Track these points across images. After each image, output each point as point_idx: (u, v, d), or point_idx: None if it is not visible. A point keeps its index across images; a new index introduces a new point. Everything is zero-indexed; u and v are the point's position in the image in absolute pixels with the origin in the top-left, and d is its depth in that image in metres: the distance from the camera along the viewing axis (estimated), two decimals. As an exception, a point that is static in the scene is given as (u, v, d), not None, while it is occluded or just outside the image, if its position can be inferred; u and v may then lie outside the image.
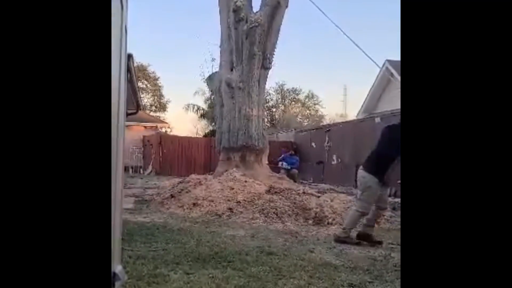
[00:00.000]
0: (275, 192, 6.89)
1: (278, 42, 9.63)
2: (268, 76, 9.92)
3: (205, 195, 6.92)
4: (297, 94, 33.58)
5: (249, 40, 8.75)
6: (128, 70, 7.11)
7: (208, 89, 24.40)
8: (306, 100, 33.97)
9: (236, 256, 3.89)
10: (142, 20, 45.26)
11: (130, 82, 8.27)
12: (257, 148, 8.87)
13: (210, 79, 11.01)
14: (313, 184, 14.16)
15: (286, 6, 9.30)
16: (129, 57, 7.18)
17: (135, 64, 32.04)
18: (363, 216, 4.94)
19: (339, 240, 4.84)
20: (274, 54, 9.58)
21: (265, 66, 9.25)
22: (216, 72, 11.09)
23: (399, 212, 6.57)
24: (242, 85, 8.83)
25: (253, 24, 8.63)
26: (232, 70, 9.25)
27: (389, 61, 14.61)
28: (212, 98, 24.89)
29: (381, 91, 16.62)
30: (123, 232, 4.54)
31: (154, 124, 22.24)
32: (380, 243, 4.85)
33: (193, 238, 4.65)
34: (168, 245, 4.23)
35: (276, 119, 31.19)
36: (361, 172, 5.10)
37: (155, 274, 3.19)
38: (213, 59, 22.09)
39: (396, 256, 4.26)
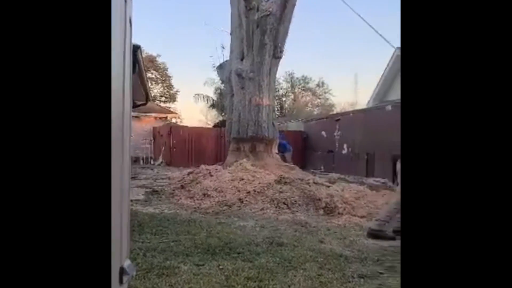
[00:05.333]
0: (285, 183, 6.87)
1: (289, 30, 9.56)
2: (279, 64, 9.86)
3: (215, 186, 6.93)
4: (307, 83, 33.33)
5: (260, 29, 8.65)
6: (137, 62, 7.09)
7: (218, 79, 24.32)
8: (316, 88, 33.73)
9: (246, 247, 3.89)
10: (151, 9, 45.20)
11: (139, 73, 8.26)
12: (267, 138, 8.84)
13: (220, 69, 10.94)
14: (323, 173, 14.12)
15: None
16: (137, 48, 7.15)
17: (144, 55, 31.97)
18: None
19: (373, 233, 4.60)
20: (285, 43, 9.50)
21: (276, 55, 9.15)
22: (226, 61, 11.02)
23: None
24: (252, 75, 8.76)
25: (264, 13, 8.53)
26: (242, 59, 9.15)
27: (399, 48, 14.38)
28: (222, 88, 24.89)
29: (392, 79, 16.39)
30: (133, 224, 4.58)
31: (164, 115, 22.28)
32: None
33: (203, 229, 4.66)
34: (178, 236, 4.24)
35: (286, 108, 31.06)
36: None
37: (165, 266, 3.20)
38: (223, 48, 22.00)
39: None
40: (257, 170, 7.47)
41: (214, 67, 22.16)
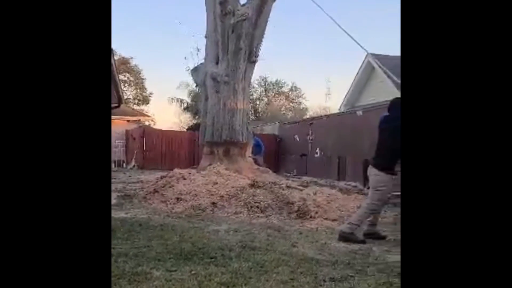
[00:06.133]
0: (259, 186, 6.91)
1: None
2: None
3: (189, 190, 6.90)
4: (281, 87, 33.62)
5: (236, 34, 8.62)
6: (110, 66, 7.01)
7: (192, 82, 24.18)
8: (290, 92, 34.03)
9: (219, 252, 3.89)
10: (125, 11, 44.60)
11: (112, 76, 8.17)
12: (241, 142, 8.86)
13: (195, 71, 10.81)
14: (296, 176, 14.25)
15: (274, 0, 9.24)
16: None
17: (117, 57, 31.54)
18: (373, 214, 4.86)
19: (344, 236, 4.65)
20: (260, 47, 9.53)
21: (251, 59, 9.16)
22: (201, 64, 10.94)
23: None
24: (227, 79, 8.74)
25: (240, 18, 8.50)
26: (217, 63, 9.12)
27: (370, 54, 14.69)
28: (196, 91, 24.78)
29: (363, 85, 16.74)
30: (105, 229, 4.52)
31: (137, 118, 22.02)
32: (384, 238, 4.87)
33: (176, 233, 4.64)
34: (150, 241, 4.20)
35: (260, 112, 31.22)
36: (373, 170, 4.76)
37: (137, 272, 3.17)
38: (198, 50, 21.93)
39: (376, 249, 4.33)
40: (230, 174, 7.48)
41: (188, 69, 22.05)
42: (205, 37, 10.00)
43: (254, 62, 9.41)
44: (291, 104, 34.23)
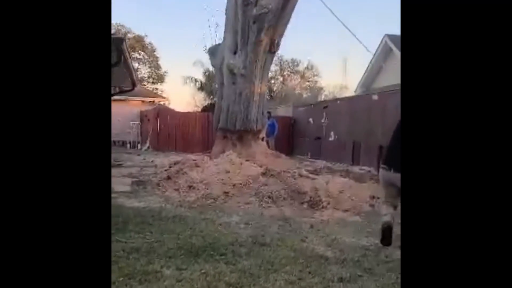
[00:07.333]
0: (271, 175, 6.92)
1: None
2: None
3: (201, 178, 6.95)
4: (296, 65, 33.22)
5: (257, 26, 8.11)
6: (122, 52, 7.01)
7: (207, 61, 24.07)
8: (305, 71, 33.63)
9: (229, 248, 3.93)
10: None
11: (125, 62, 8.17)
12: (255, 130, 8.81)
13: (212, 54, 10.43)
14: (310, 159, 14.23)
15: None
16: (122, 40, 7.07)
17: (131, 35, 31.40)
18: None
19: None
20: (283, 37, 9.02)
21: (272, 50, 8.73)
22: (218, 45, 10.57)
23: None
24: (244, 72, 8.39)
25: (262, 11, 7.98)
26: (235, 53, 8.69)
27: (388, 35, 14.37)
28: (211, 70, 24.69)
29: (379, 66, 16.44)
30: (117, 221, 4.60)
31: (151, 99, 22.10)
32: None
33: (188, 226, 4.69)
34: (162, 235, 4.26)
35: (275, 92, 30.99)
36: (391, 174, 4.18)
37: (148, 271, 3.23)
38: (217, 26, 21.43)
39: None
40: (243, 162, 7.49)
41: (205, 48, 21.74)
42: (225, 13, 9.46)
43: (275, 52, 9.03)
44: (307, 83, 33.89)
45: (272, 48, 8.64)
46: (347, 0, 40.40)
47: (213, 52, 10.42)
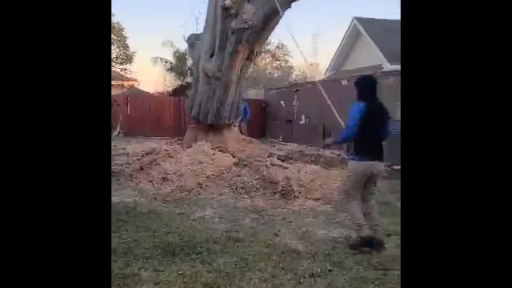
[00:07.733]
0: (244, 165, 7.04)
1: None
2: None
3: (175, 169, 6.99)
4: (267, 45, 33.03)
5: (235, 37, 7.85)
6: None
7: (177, 42, 23.64)
8: (276, 50, 33.51)
9: (204, 245, 4.05)
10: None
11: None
12: (227, 123, 8.82)
13: (191, 46, 10.09)
14: (282, 142, 14.41)
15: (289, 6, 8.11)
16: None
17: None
18: None
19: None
20: (263, 48, 8.83)
21: (250, 58, 8.53)
22: (198, 35, 10.20)
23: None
24: (220, 75, 8.24)
25: (242, 25, 7.72)
26: (212, 56, 8.43)
27: (357, 18, 14.50)
28: (181, 51, 24.29)
29: (349, 48, 16.62)
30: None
31: (120, 82, 21.62)
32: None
33: (163, 223, 4.78)
34: (138, 234, 4.34)
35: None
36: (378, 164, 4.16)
37: (126, 274, 3.31)
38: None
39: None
40: (216, 152, 7.56)
41: (184, 38, 21.01)
42: (206, 14, 9.02)
43: (252, 60, 8.84)
44: (277, 62, 33.82)
45: (251, 57, 8.40)
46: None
47: (192, 44, 10.03)
